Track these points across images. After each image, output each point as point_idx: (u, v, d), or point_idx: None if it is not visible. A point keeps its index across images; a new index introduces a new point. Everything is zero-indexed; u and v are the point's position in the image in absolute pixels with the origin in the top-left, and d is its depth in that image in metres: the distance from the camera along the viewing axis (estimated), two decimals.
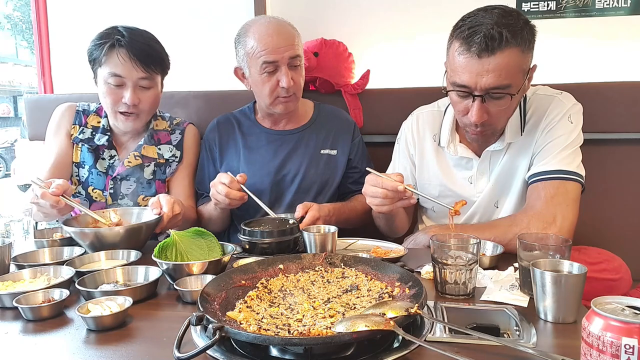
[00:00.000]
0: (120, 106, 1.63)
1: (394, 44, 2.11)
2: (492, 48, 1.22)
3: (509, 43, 1.22)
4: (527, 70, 1.31)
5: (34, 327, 0.96)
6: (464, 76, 1.27)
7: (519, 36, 1.24)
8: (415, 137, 1.60)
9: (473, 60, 1.24)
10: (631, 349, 0.64)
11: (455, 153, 1.50)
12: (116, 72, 1.59)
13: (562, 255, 1.03)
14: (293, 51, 1.61)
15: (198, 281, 1.10)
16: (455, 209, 1.24)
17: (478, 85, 1.25)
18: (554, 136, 1.40)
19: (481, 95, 1.27)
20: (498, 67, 1.23)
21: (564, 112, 1.41)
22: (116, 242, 1.34)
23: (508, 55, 1.23)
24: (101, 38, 1.61)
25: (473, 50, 1.24)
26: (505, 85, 1.25)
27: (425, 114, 1.62)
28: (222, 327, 0.79)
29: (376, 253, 1.32)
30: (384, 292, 1.01)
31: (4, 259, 1.21)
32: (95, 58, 1.61)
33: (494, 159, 1.49)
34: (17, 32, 18.25)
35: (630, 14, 1.96)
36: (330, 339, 0.77)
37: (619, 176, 1.92)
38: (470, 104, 1.30)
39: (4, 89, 17.98)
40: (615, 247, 1.72)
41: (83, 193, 1.73)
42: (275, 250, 1.35)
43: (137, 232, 1.37)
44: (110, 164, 1.73)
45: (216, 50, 2.22)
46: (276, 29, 1.61)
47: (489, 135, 1.41)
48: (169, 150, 1.77)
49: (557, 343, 0.87)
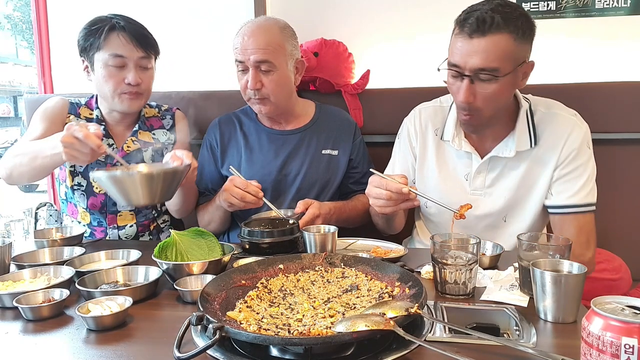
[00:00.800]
0: (123, 88, 1.62)
1: (394, 44, 2.11)
2: (482, 30, 1.26)
3: (500, 28, 1.25)
4: (519, 61, 1.31)
5: (34, 327, 0.96)
6: (456, 56, 1.31)
7: (512, 24, 1.26)
8: (417, 130, 1.60)
9: (465, 40, 1.29)
10: (631, 349, 0.64)
11: (460, 147, 1.50)
12: (118, 53, 1.59)
13: (562, 255, 1.03)
14: (259, 55, 1.60)
15: (198, 281, 1.10)
16: (460, 212, 1.25)
17: (467, 65, 1.29)
18: (577, 164, 1.43)
19: (469, 75, 1.30)
20: (487, 49, 1.26)
21: (581, 136, 1.43)
22: (153, 188, 1.23)
23: (499, 39, 1.26)
24: (96, 24, 1.61)
25: (465, 31, 1.28)
26: (492, 67, 1.27)
27: (427, 109, 1.62)
28: (222, 327, 0.79)
29: (376, 253, 1.32)
30: (384, 292, 1.01)
31: (4, 259, 1.21)
32: (92, 43, 1.60)
33: (495, 163, 1.49)
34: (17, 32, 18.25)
35: (630, 14, 1.96)
36: (330, 339, 0.77)
37: (618, 176, 1.92)
38: (460, 84, 1.33)
39: (4, 89, 17.96)
40: (615, 247, 1.73)
41: (84, 184, 1.70)
42: (275, 250, 1.35)
43: (171, 176, 1.28)
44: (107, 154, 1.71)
45: (216, 50, 2.22)
46: (253, 31, 1.63)
47: (477, 122, 1.40)
48: (163, 134, 1.78)
49: (557, 343, 0.87)
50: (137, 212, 1.75)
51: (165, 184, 1.26)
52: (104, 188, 1.29)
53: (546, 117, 1.46)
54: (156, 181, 1.24)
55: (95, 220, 1.73)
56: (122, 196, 1.24)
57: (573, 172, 1.43)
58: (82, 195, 1.70)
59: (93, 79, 1.66)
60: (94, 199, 1.70)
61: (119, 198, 1.26)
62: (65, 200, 1.76)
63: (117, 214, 1.72)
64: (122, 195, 1.24)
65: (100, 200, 1.70)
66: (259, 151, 1.76)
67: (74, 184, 1.70)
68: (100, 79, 1.63)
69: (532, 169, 1.46)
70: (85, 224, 1.73)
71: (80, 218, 1.74)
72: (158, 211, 1.82)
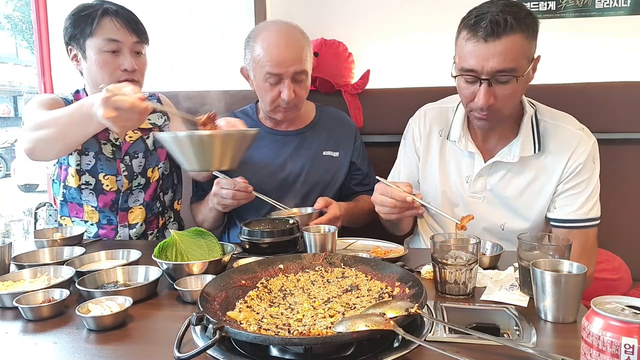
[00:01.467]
0: (119, 74, 1.57)
1: (394, 44, 2.11)
2: (497, 33, 1.26)
3: (514, 28, 1.27)
4: (531, 58, 1.33)
5: (34, 327, 0.96)
6: (471, 60, 1.31)
7: (523, 23, 1.28)
8: (422, 131, 1.61)
9: (480, 44, 1.29)
10: (631, 349, 0.65)
11: (466, 147, 1.50)
12: (113, 37, 1.55)
13: (562, 255, 1.03)
14: (298, 66, 1.59)
15: (198, 281, 1.10)
16: (462, 224, 1.26)
17: (485, 68, 1.29)
18: (581, 178, 1.43)
19: (488, 78, 1.30)
20: (504, 51, 1.27)
21: (588, 151, 1.43)
22: (228, 150, 1.18)
23: (513, 40, 1.27)
24: (85, 9, 1.57)
25: (480, 35, 1.28)
26: (510, 68, 1.29)
27: (433, 109, 1.63)
28: (222, 327, 0.79)
29: (376, 253, 1.32)
30: (384, 291, 1.01)
31: (4, 259, 1.21)
32: (83, 30, 1.55)
33: (498, 167, 1.48)
34: (17, 32, 18.24)
35: (630, 14, 1.96)
36: (330, 339, 0.77)
37: (618, 176, 1.92)
38: (477, 89, 1.33)
39: (4, 89, 17.96)
40: (615, 247, 1.72)
41: (92, 182, 1.64)
42: (275, 250, 1.36)
43: (241, 139, 1.24)
44: (114, 147, 1.67)
45: (216, 50, 2.22)
46: (285, 41, 1.59)
47: (494, 121, 1.40)
48: (158, 117, 1.77)
49: (557, 343, 0.87)
50: (147, 207, 1.73)
51: (238, 148, 1.21)
52: (171, 151, 1.22)
53: (551, 128, 1.46)
54: (232, 142, 1.19)
55: (105, 219, 1.69)
56: (196, 158, 1.16)
57: (577, 186, 1.43)
58: (92, 194, 1.65)
59: (84, 67, 1.61)
60: (104, 197, 1.66)
61: (191, 160, 1.17)
62: (64, 201, 1.69)
63: (127, 211, 1.70)
64: (196, 157, 1.16)
65: (111, 198, 1.66)
66: (260, 151, 1.76)
67: (81, 183, 1.63)
68: (93, 66, 1.57)
69: (536, 177, 1.46)
70: (93, 222, 1.69)
71: (87, 217, 1.68)
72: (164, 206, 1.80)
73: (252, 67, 1.65)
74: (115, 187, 1.67)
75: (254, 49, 1.62)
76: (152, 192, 1.74)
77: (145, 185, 1.72)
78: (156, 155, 1.74)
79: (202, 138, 1.16)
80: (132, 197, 1.70)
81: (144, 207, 1.72)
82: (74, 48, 1.60)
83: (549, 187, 1.45)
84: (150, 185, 1.73)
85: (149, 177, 1.71)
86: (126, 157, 1.68)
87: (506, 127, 1.46)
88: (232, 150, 1.20)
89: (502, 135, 1.47)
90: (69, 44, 1.61)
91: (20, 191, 9.75)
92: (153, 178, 1.73)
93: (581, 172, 1.42)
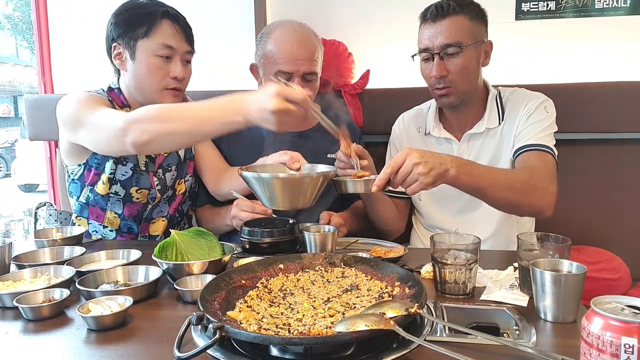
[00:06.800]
0: (168, 82, 1.51)
1: (394, 44, 2.11)
2: (442, 14, 1.49)
3: (456, 11, 1.49)
4: (478, 39, 1.52)
5: (35, 327, 0.96)
6: (425, 41, 1.53)
7: (466, 8, 1.50)
8: (402, 132, 1.78)
9: (429, 25, 1.52)
10: (631, 349, 0.65)
11: (439, 134, 1.67)
12: (169, 43, 1.48)
13: (562, 255, 1.03)
14: (309, 67, 1.58)
15: (198, 281, 1.10)
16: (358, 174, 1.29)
17: (435, 44, 1.51)
18: (532, 121, 1.56)
19: (438, 52, 1.50)
20: (449, 28, 1.49)
21: (539, 102, 1.58)
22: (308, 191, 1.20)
23: (457, 20, 1.49)
24: (141, 8, 1.50)
25: (428, 18, 1.52)
26: (456, 42, 1.49)
27: (409, 112, 1.81)
28: (222, 327, 0.79)
29: (376, 253, 1.32)
30: (384, 291, 1.01)
31: (4, 259, 1.21)
32: (138, 29, 1.47)
33: (473, 141, 1.62)
34: (17, 32, 18.25)
35: (630, 14, 1.96)
36: (330, 339, 0.78)
37: (618, 176, 1.92)
38: (432, 64, 1.53)
39: (4, 89, 17.96)
40: (615, 247, 1.73)
41: (122, 193, 1.57)
42: (275, 250, 1.36)
43: (322, 180, 1.24)
44: (148, 159, 1.61)
45: (216, 50, 2.22)
46: (298, 39, 1.58)
47: (453, 96, 1.55)
48: None
49: (556, 342, 0.87)
50: (169, 219, 1.69)
51: (319, 189, 1.23)
52: (252, 188, 1.24)
53: (511, 97, 1.63)
54: (317, 184, 1.21)
55: (126, 227, 1.64)
56: (282, 199, 1.21)
57: (530, 125, 1.54)
58: (118, 202, 1.59)
59: (129, 68, 1.52)
60: (131, 206, 1.60)
61: (274, 199, 1.22)
62: (85, 204, 1.61)
63: (150, 221, 1.66)
64: (282, 198, 1.21)
65: (137, 208, 1.62)
66: (264, 152, 1.75)
67: (110, 191, 1.56)
68: (142, 69, 1.50)
69: (500, 138, 1.60)
70: (112, 229, 1.64)
71: (108, 222, 1.63)
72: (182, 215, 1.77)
73: (262, 63, 1.63)
74: (146, 200, 1.61)
75: (266, 45, 1.61)
76: (177, 205, 1.70)
77: (171, 198, 1.68)
78: (185, 167, 1.69)
79: (291, 180, 1.21)
80: (157, 208, 1.67)
81: (167, 220, 1.69)
82: (121, 46, 1.52)
83: (511, 138, 1.58)
84: (176, 198, 1.69)
85: (176, 189, 1.68)
86: (159, 170, 1.62)
87: (474, 110, 1.62)
88: (316, 191, 1.25)
89: (472, 116, 1.62)
90: (115, 40, 1.52)
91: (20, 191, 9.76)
92: (179, 190, 1.69)
93: (532, 116, 1.55)
